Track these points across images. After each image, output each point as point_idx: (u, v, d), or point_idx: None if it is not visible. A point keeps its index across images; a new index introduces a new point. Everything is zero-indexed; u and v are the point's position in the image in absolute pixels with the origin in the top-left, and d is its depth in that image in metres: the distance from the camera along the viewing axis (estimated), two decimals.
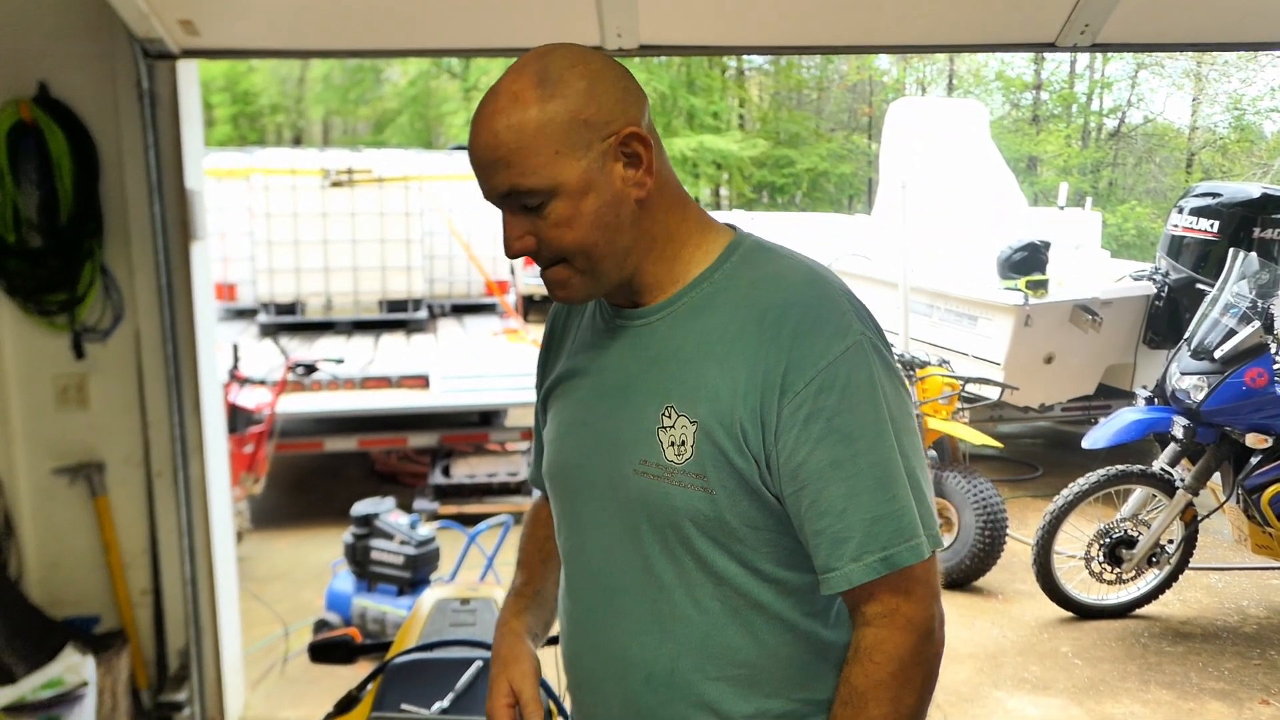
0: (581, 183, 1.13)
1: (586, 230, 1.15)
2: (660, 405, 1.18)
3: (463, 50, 3.22)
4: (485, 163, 1.13)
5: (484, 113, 1.13)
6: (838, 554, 1.12)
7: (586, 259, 1.17)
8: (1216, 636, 4.67)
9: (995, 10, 2.82)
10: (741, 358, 1.14)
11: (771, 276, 1.20)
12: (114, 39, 2.91)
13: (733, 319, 1.17)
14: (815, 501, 1.13)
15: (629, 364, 1.24)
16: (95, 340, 3.10)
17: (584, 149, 1.13)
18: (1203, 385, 4.50)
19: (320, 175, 8.11)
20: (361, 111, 26.00)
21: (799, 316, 1.14)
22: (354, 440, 6.50)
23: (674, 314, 1.22)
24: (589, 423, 1.27)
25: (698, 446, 1.15)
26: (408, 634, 2.28)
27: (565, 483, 1.32)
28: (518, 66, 1.15)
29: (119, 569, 3.22)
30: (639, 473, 1.19)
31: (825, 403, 1.11)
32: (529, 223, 1.16)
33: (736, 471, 1.15)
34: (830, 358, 1.12)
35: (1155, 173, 21.71)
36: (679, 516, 1.17)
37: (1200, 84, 20.43)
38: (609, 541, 1.25)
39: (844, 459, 1.11)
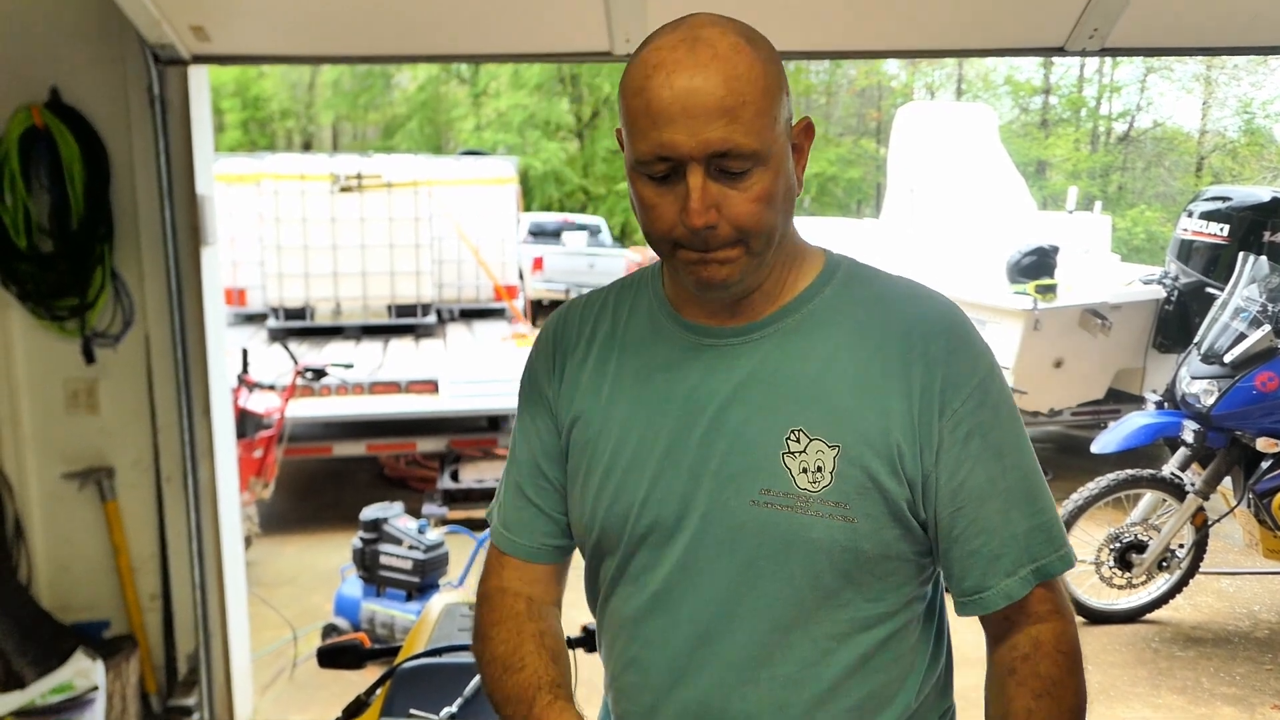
0: (783, 157, 1.04)
1: (776, 210, 1.04)
2: (784, 428, 1.08)
3: (472, 56, 3.23)
4: (701, 110, 0.97)
5: (698, 59, 0.98)
6: (993, 571, 1.09)
7: (766, 242, 1.05)
8: (1228, 641, 4.65)
9: (1004, 14, 2.81)
10: (887, 377, 1.07)
11: (900, 295, 1.13)
12: (125, 45, 2.92)
13: (864, 338, 1.09)
14: (974, 520, 1.08)
15: (721, 386, 1.11)
16: (105, 345, 3.11)
17: (785, 123, 1.04)
18: (1213, 389, 4.49)
19: (330, 180, 8.15)
20: (371, 117, 26.08)
21: (948, 333, 1.09)
22: (362, 445, 6.51)
23: (780, 331, 1.12)
24: (674, 453, 1.12)
25: (839, 472, 1.06)
26: (416, 639, 2.28)
27: (633, 525, 1.15)
28: (710, 22, 1.02)
29: (128, 574, 3.22)
30: (760, 503, 1.08)
31: (981, 419, 1.08)
32: (720, 189, 1.01)
33: (886, 497, 1.07)
34: (981, 374, 1.09)
35: (1165, 177, 21.64)
36: (813, 549, 1.07)
37: (1210, 88, 20.37)
38: (705, 584, 1.11)
39: (997, 474, 1.08)
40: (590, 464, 1.18)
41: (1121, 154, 22.32)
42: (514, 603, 1.25)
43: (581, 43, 2.86)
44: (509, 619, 1.23)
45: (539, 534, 1.26)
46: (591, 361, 1.21)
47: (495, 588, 1.27)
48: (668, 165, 1.00)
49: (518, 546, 1.27)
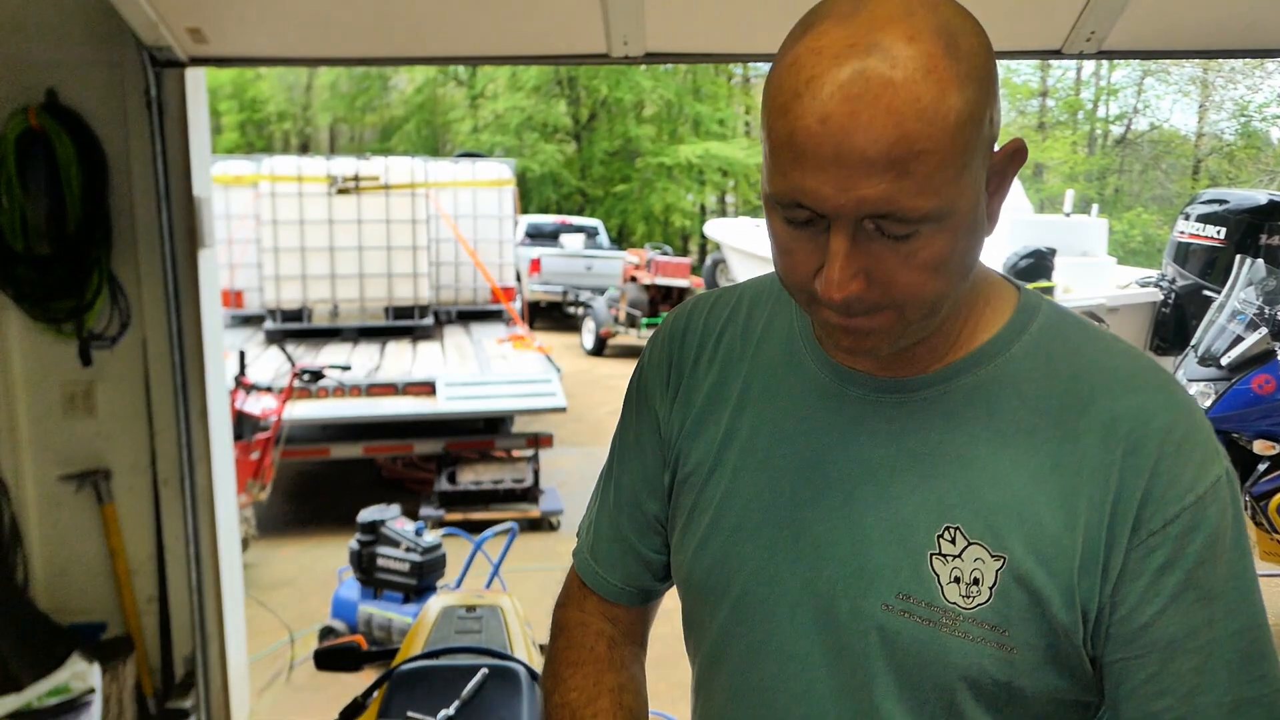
0: (975, 210, 0.79)
1: (951, 274, 0.80)
2: (937, 523, 0.85)
3: (469, 58, 3.23)
4: (859, 160, 0.71)
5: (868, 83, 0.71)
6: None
7: (930, 311, 0.81)
8: None
9: (1000, 17, 2.81)
10: (1078, 476, 0.83)
11: (1113, 370, 0.86)
12: (122, 47, 2.92)
13: (1058, 421, 0.84)
14: (1156, 675, 0.82)
15: (864, 454, 0.89)
16: (102, 347, 3.11)
17: (982, 161, 0.78)
18: (1210, 392, 4.50)
19: (327, 182, 8.16)
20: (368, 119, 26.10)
21: (1164, 433, 0.82)
22: (359, 447, 6.52)
23: (949, 393, 0.88)
24: (796, 523, 0.91)
25: (1001, 590, 0.83)
26: (413, 641, 2.28)
27: (742, 593, 0.95)
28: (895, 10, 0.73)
29: (125, 576, 3.22)
30: (895, 610, 0.86)
31: (1188, 550, 0.81)
32: (876, 251, 0.77)
33: (1055, 628, 0.83)
34: (1199, 493, 0.81)
35: (1162, 179, 21.70)
36: (952, 677, 0.84)
37: (1206, 90, 20.43)
38: (814, 690, 0.91)
39: (1201, 625, 0.81)
40: (694, 509, 0.99)
41: (1118, 157, 22.38)
42: (595, 643, 1.09)
43: (579, 45, 2.86)
44: (588, 663, 1.07)
45: (630, 574, 1.10)
46: (710, 382, 1.00)
47: (576, 621, 1.12)
48: (808, 213, 0.76)
49: (604, 584, 1.11)
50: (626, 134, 23.80)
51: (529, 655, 2.21)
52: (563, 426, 7.68)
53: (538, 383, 6.86)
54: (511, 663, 1.97)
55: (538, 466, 6.64)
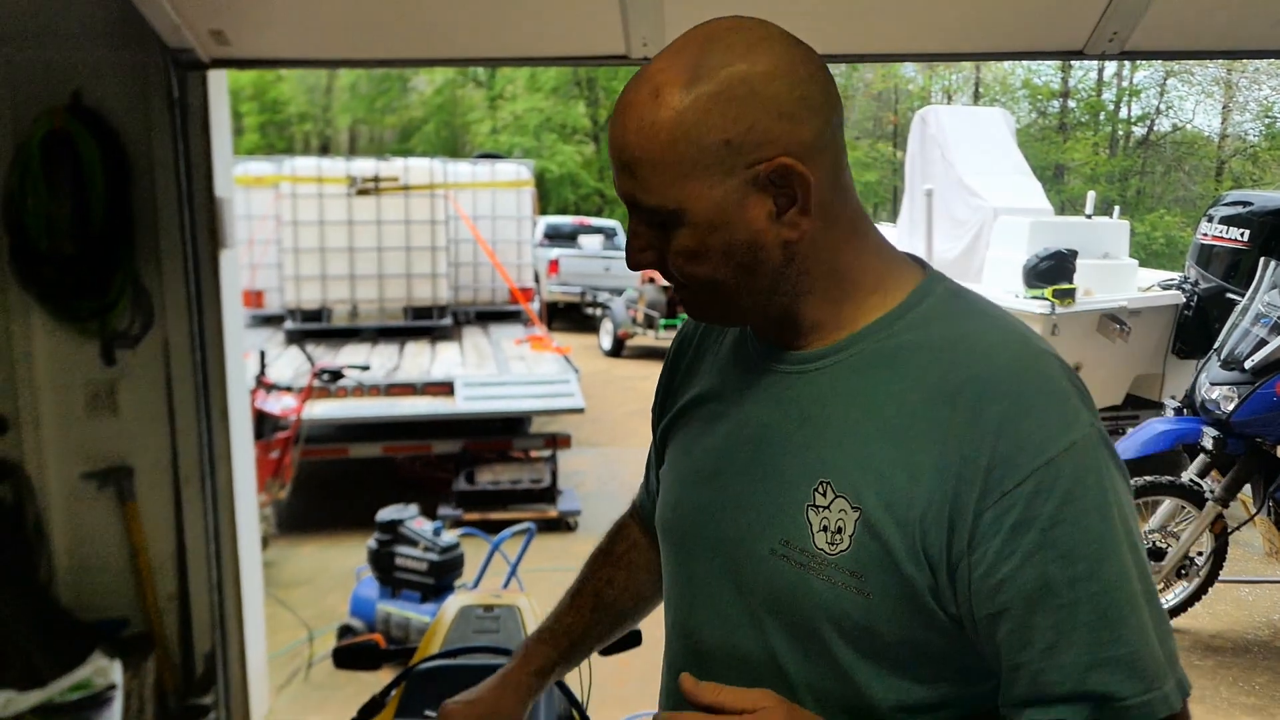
0: (711, 215, 0.92)
1: (714, 267, 0.95)
2: (814, 478, 0.95)
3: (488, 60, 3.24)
4: (613, 161, 0.95)
5: (623, 101, 0.93)
6: (1039, 694, 0.89)
7: (713, 294, 0.98)
8: (1247, 650, 4.61)
9: (1022, 18, 2.80)
10: (928, 437, 0.90)
11: (974, 338, 0.95)
12: (146, 49, 2.94)
13: (918, 384, 0.93)
14: (1016, 630, 0.88)
15: (773, 416, 1.02)
16: (125, 346, 3.14)
17: (722, 175, 0.90)
18: (1233, 396, 4.46)
19: (347, 183, 8.19)
20: (388, 120, 26.21)
21: (1013, 396, 0.89)
22: (378, 447, 6.54)
23: (839, 365, 0.99)
24: (720, 476, 1.05)
25: (858, 539, 0.92)
26: (431, 640, 2.29)
27: (682, 538, 1.11)
28: (678, 45, 0.93)
29: (147, 573, 3.25)
30: (777, 554, 0.97)
31: (1041, 510, 0.86)
32: (653, 235, 0.96)
33: (904, 580, 0.91)
34: (1052, 453, 0.87)
35: (1184, 181, 21.51)
36: (820, 617, 0.95)
37: (1230, 91, 20.26)
38: (725, 624, 1.04)
39: (1060, 584, 0.86)
40: (669, 458, 1.18)
41: (1140, 158, 22.21)
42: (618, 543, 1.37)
43: (597, 46, 2.86)
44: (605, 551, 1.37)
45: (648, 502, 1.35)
46: (697, 361, 1.18)
47: (625, 528, 1.39)
48: None
49: (641, 501, 1.37)
50: None
51: None
52: (581, 427, 7.69)
53: (556, 383, 6.87)
54: None
55: (555, 467, 6.64)
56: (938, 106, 11.99)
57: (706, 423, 1.10)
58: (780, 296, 0.98)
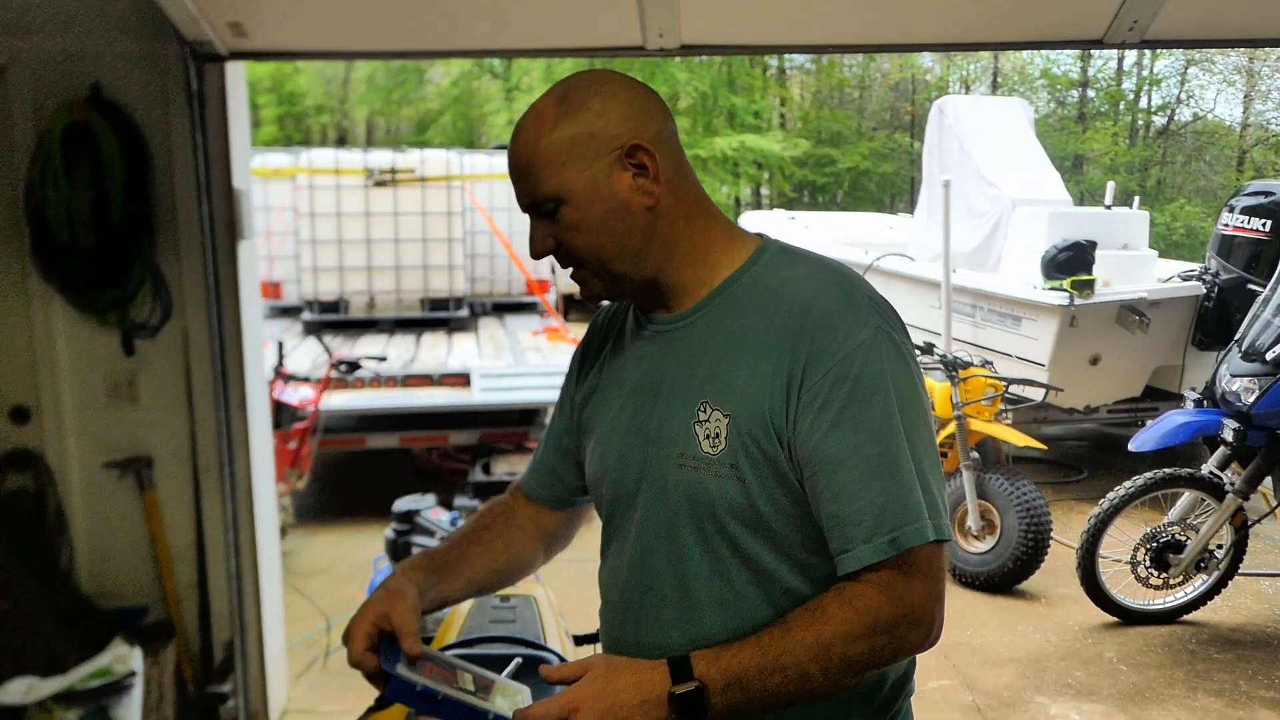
0: (588, 191, 1.23)
1: (595, 234, 1.25)
2: (696, 401, 1.25)
3: (505, 51, 3.25)
4: (512, 174, 1.27)
5: (515, 129, 1.27)
6: (849, 536, 1.17)
7: (598, 261, 1.27)
8: (1267, 644, 4.58)
9: (1041, 7, 2.78)
10: (770, 354, 1.21)
11: (797, 278, 1.27)
12: (164, 41, 2.96)
13: (762, 318, 1.24)
14: (828, 486, 1.18)
15: (665, 365, 1.31)
16: (145, 337, 3.16)
17: (590, 160, 1.23)
18: (1254, 387, 4.42)
19: (364, 175, 8.19)
20: (405, 112, 26.22)
21: (820, 312, 1.21)
22: (395, 437, 6.56)
23: (707, 315, 1.29)
24: (629, 425, 1.33)
25: (729, 438, 1.21)
26: (448, 630, 2.30)
27: (609, 485, 1.37)
28: (550, 90, 1.29)
29: (166, 562, 3.27)
30: (678, 465, 1.25)
31: (838, 393, 1.17)
32: (550, 227, 1.27)
33: (767, 458, 1.20)
34: (845, 351, 1.18)
35: (1205, 171, 21.30)
36: (715, 505, 1.23)
37: (1253, 80, 20.02)
38: (648, 538, 1.31)
39: (853, 446, 1.17)
40: (588, 434, 1.43)
41: (1161, 148, 21.98)
42: (495, 506, 1.56)
43: (614, 37, 2.86)
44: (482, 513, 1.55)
45: (541, 479, 1.54)
46: (602, 353, 1.44)
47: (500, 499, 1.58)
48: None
49: (526, 484, 1.56)
50: None
51: (562, 645, 2.22)
52: None
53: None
54: (545, 652, 1.98)
55: None
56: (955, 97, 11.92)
57: (613, 391, 1.38)
58: (649, 262, 1.28)
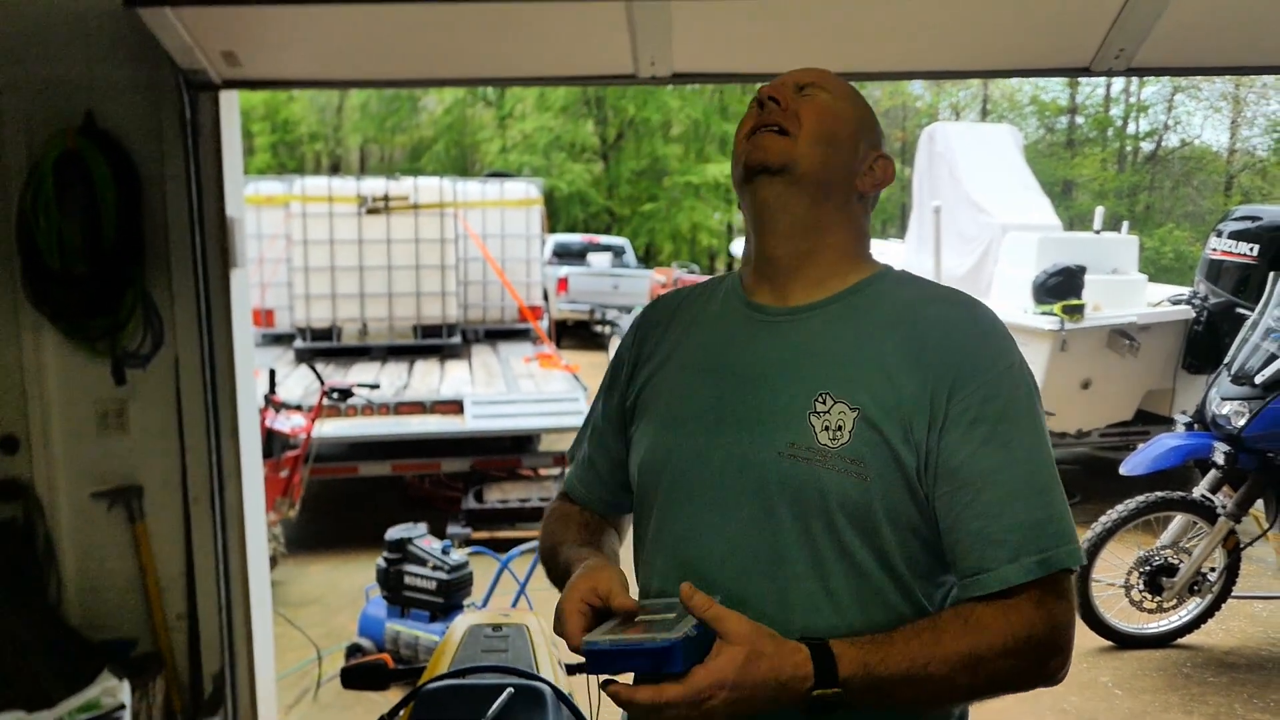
0: (847, 115, 1.30)
1: (829, 123, 1.28)
2: (813, 391, 1.20)
3: (499, 79, 3.27)
4: (783, 76, 1.32)
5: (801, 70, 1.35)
6: (991, 556, 1.14)
7: (806, 150, 1.26)
8: (1262, 667, 4.57)
9: (1029, 35, 2.81)
10: (908, 363, 1.19)
11: (940, 298, 1.27)
12: (158, 70, 2.97)
13: (897, 326, 1.22)
14: (972, 502, 1.15)
15: (770, 354, 1.26)
16: (135, 366, 3.15)
17: (860, 118, 1.32)
18: (1244, 411, 4.43)
19: (357, 202, 8.23)
20: (398, 139, 26.34)
21: (967, 332, 1.21)
22: (388, 465, 6.54)
23: (828, 313, 1.27)
24: (715, 409, 1.26)
25: (856, 432, 1.17)
26: (440, 660, 2.28)
27: (678, 468, 1.28)
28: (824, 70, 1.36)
29: (156, 593, 3.25)
30: (785, 455, 1.19)
31: (988, 411, 1.16)
32: (797, 98, 1.29)
33: (897, 462, 1.16)
34: (996, 371, 1.18)
35: (1193, 196, 21.47)
36: (829, 500, 1.17)
37: (1239, 106, 20.23)
38: (735, 527, 1.23)
39: (1003, 465, 1.15)
40: (648, 416, 1.35)
41: (1149, 173, 22.17)
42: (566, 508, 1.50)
43: (607, 65, 2.88)
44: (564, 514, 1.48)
45: (594, 488, 1.49)
46: (670, 336, 1.38)
47: (562, 504, 1.52)
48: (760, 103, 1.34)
49: (576, 490, 1.51)
50: (654, 153, 23.86)
51: (555, 675, 2.20)
52: None
53: (564, 401, 6.87)
54: (537, 682, 1.97)
55: None
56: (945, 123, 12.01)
57: (692, 369, 1.32)
58: (819, 214, 1.27)
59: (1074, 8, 2.63)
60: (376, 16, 2.71)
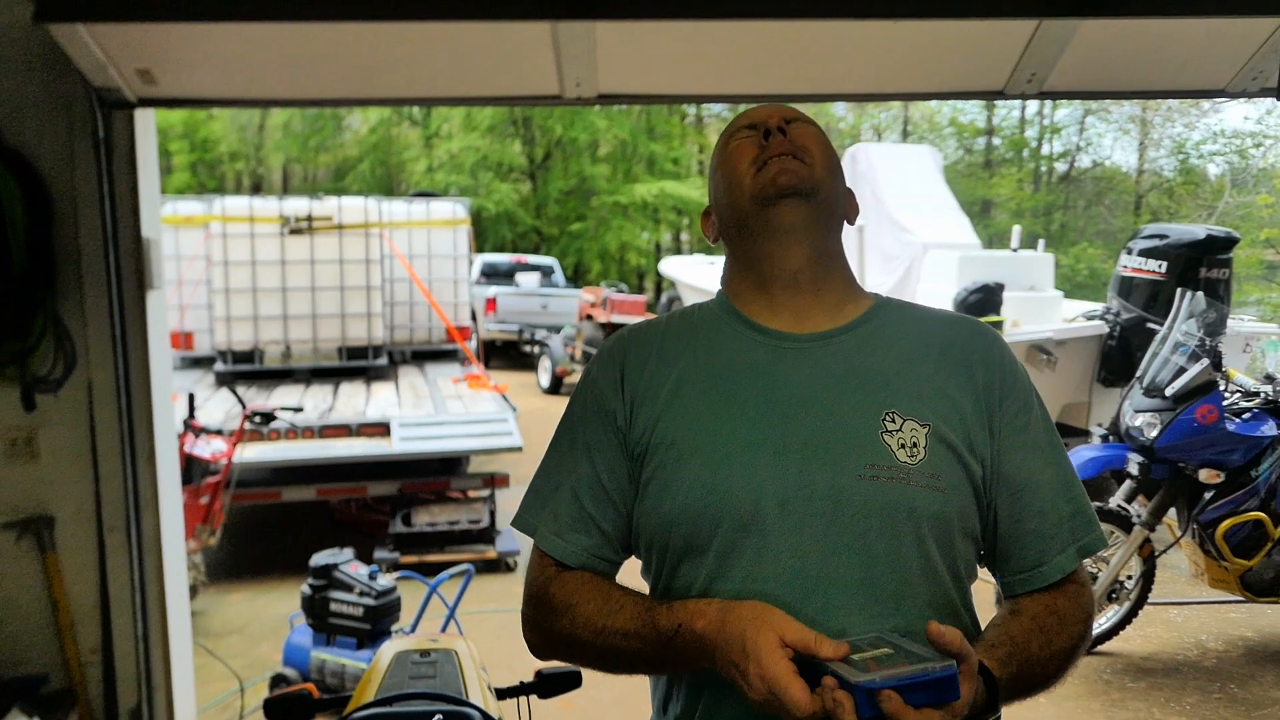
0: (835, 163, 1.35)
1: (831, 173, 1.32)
2: (878, 412, 1.21)
3: (424, 99, 3.25)
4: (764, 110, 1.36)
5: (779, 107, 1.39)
6: (1048, 550, 1.25)
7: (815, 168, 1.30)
8: (1177, 671, 4.71)
9: (947, 60, 2.88)
10: (954, 376, 1.26)
11: (951, 319, 1.35)
12: (70, 87, 2.89)
13: (929, 347, 1.29)
14: (1030, 504, 1.25)
15: (809, 379, 1.25)
16: (46, 391, 3.04)
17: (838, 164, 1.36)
18: (1155, 422, 4.58)
19: (279, 223, 8.09)
20: (322, 159, 26.00)
21: (998, 347, 1.31)
22: (312, 490, 6.41)
23: (855, 338, 1.29)
24: (766, 441, 1.20)
25: (930, 448, 1.21)
26: (366, 687, 2.24)
27: (740, 503, 1.18)
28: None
29: (68, 627, 3.13)
30: (867, 477, 1.18)
31: (1028, 417, 1.28)
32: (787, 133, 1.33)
33: (966, 471, 1.22)
34: (1023, 381, 1.30)
35: (1105, 215, 22.19)
36: (919, 516, 1.18)
37: (1145, 129, 21.01)
38: (815, 560, 1.17)
39: (1045, 464, 1.27)
40: (679, 458, 1.23)
41: (1063, 193, 22.87)
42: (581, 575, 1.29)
43: (532, 86, 2.88)
44: (587, 583, 1.27)
45: (593, 544, 1.30)
46: (668, 370, 1.30)
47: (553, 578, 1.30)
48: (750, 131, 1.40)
49: (572, 554, 1.29)
50: (582, 173, 23.92)
51: (484, 700, 2.18)
52: (519, 466, 7.62)
53: (493, 422, 6.82)
54: (466, 708, 1.94)
55: (494, 507, 6.58)
56: (868, 144, 12.25)
57: (724, 408, 1.24)
58: (832, 241, 1.33)
59: (988, 35, 2.71)
60: (298, 35, 2.68)
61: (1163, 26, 2.61)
